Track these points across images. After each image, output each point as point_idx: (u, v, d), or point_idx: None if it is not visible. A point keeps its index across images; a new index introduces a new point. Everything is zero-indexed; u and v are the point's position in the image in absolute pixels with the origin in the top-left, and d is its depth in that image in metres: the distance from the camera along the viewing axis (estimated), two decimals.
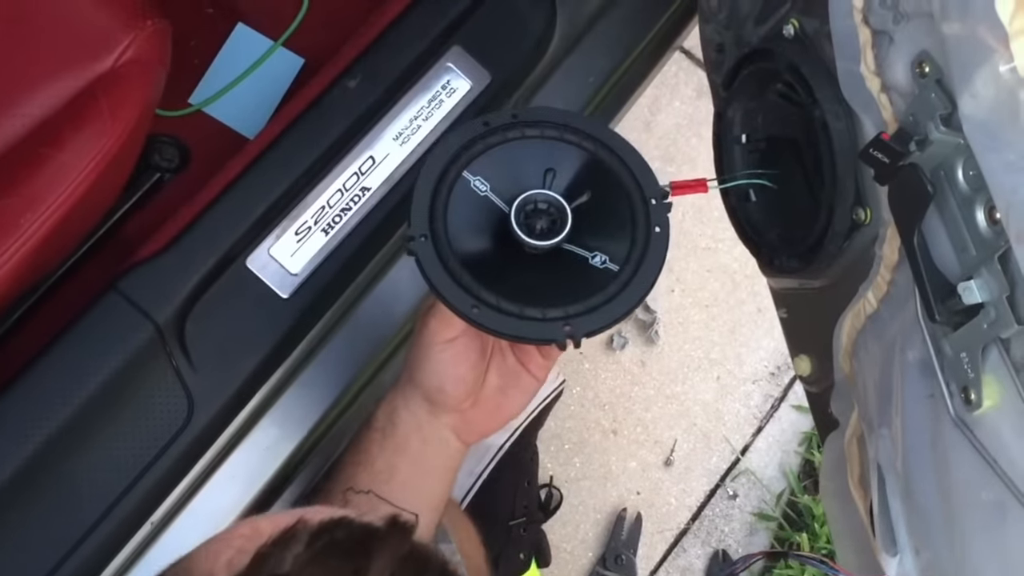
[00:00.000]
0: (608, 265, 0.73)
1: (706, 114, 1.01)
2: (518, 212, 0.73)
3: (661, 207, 0.75)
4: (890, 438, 0.77)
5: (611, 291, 0.71)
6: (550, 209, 0.74)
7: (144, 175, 1.09)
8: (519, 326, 0.69)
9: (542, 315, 0.70)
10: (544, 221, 0.74)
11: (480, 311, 0.69)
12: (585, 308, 0.71)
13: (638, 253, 0.73)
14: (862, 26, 0.73)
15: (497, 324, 0.69)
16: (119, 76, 0.83)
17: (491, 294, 0.69)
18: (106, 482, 0.83)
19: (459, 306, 0.69)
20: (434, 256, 0.70)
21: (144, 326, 0.85)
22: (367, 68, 0.99)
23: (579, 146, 0.76)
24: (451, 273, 0.70)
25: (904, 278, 0.74)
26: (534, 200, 0.74)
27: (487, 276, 0.71)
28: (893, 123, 0.72)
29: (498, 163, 0.74)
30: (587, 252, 0.74)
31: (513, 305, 0.69)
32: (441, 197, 0.72)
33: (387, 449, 0.84)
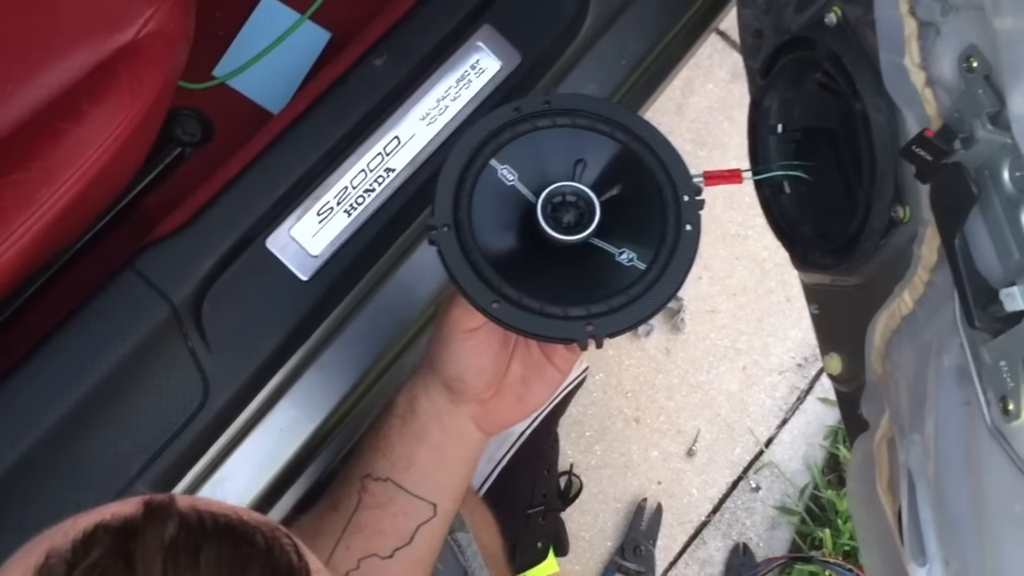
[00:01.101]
0: (635, 263, 0.71)
1: (739, 97, 1.00)
2: (545, 204, 0.71)
3: (693, 204, 0.73)
4: (922, 444, 0.75)
5: (636, 291, 0.70)
6: (578, 202, 0.72)
7: (166, 149, 1.08)
8: (540, 324, 0.68)
9: (564, 313, 0.68)
10: (571, 215, 0.72)
11: (500, 307, 0.68)
12: (608, 308, 0.69)
13: (667, 252, 0.71)
14: (908, 17, 0.71)
15: (517, 321, 0.68)
16: (140, 48, 0.82)
17: (513, 289, 0.68)
18: (118, 464, 0.83)
19: (480, 301, 0.68)
20: (457, 248, 0.69)
21: (160, 306, 0.85)
22: (394, 46, 0.97)
23: (611, 137, 0.74)
24: (473, 266, 0.68)
25: (942, 280, 0.72)
26: (562, 192, 0.72)
27: (509, 270, 0.70)
28: (937, 119, 0.70)
29: (527, 152, 0.73)
30: (614, 248, 0.72)
31: (534, 302, 0.68)
32: (466, 186, 0.70)
33: (407, 437, 0.84)
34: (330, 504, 0.86)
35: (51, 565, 0.44)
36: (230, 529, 0.47)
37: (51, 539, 0.46)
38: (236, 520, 0.48)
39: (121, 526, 0.45)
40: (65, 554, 0.44)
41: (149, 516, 0.45)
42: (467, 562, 1.08)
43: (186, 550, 0.44)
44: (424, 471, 0.84)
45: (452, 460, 0.85)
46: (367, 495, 0.83)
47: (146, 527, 0.45)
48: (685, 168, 0.74)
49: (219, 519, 0.47)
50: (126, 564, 0.43)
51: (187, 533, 0.45)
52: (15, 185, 0.75)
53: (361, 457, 0.85)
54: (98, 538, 0.45)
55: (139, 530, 0.45)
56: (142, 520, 0.45)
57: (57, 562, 0.44)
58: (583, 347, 0.69)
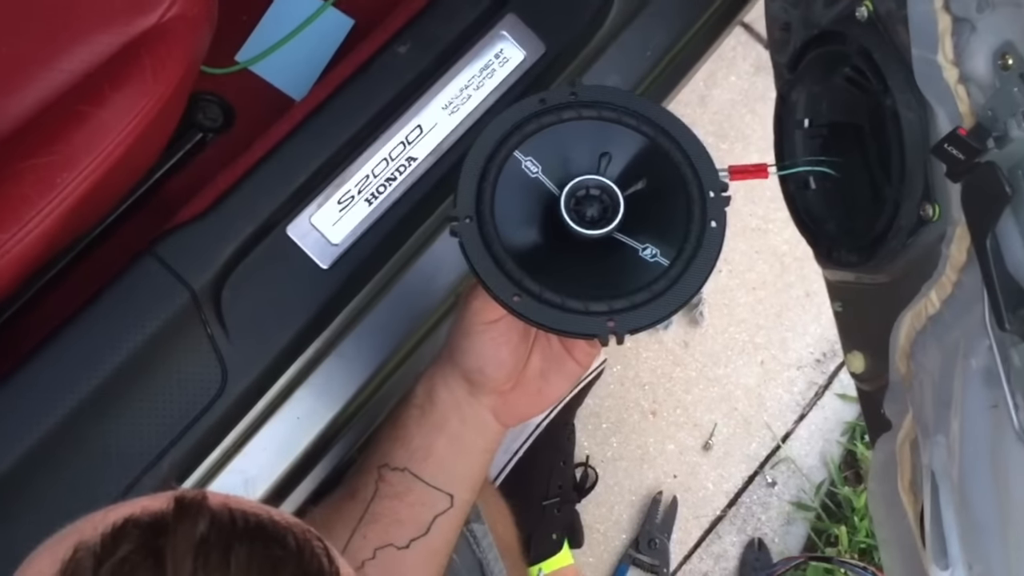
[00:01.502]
0: (658, 259, 0.70)
1: (763, 90, 0.99)
2: (568, 198, 0.70)
3: (719, 200, 0.72)
4: (946, 446, 0.74)
5: (658, 287, 0.69)
6: (602, 196, 0.71)
7: (187, 134, 1.07)
8: (561, 319, 0.67)
9: (585, 308, 0.68)
10: (595, 208, 0.71)
11: (521, 301, 0.67)
12: (630, 304, 0.68)
13: (691, 248, 0.70)
14: (942, 12, 0.70)
15: (538, 315, 0.67)
16: (164, 32, 0.81)
17: (534, 283, 0.67)
18: (135, 451, 0.82)
19: (501, 294, 0.67)
20: (478, 240, 0.68)
21: (180, 292, 0.84)
22: (418, 34, 0.96)
23: (638, 130, 0.73)
24: (495, 258, 0.68)
25: (971, 280, 0.71)
26: (585, 186, 0.71)
27: (531, 263, 0.69)
28: (970, 117, 0.69)
29: (551, 144, 0.72)
30: (637, 244, 0.71)
31: (556, 296, 0.67)
32: (489, 178, 0.70)
33: (425, 427, 0.83)
34: (347, 493, 0.86)
35: (79, 559, 0.43)
36: (262, 529, 0.46)
37: (80, 532, 0.45)
38: (268, 520, 0.47)
39: (151, 521, 0.45)
40: (94, 548, 0.43)
41: (180, 513, 0.45)
42: (482, 553, 1.08)
43: (217, 549, 0.44)
44: (442, 461, 0.84)
45: (470, 451, 0.85)
46: (384, 484, 0.83)
47: (177, 524, 0.44)
48: (712, 164, 0.73)
49: (250, 518, 0.46)
50: (155, 561, 0.43)
51: (218, 531, 0.44)
52: (36, 169, 0.75)
53: (379, 446, 0.85)
54: (127, 533, 0.44)
55: (170, 527, 0.44)
56: (173, 516, 0.45)
57: (85, 555, 0.43)
58: (604, 343, 0.69)
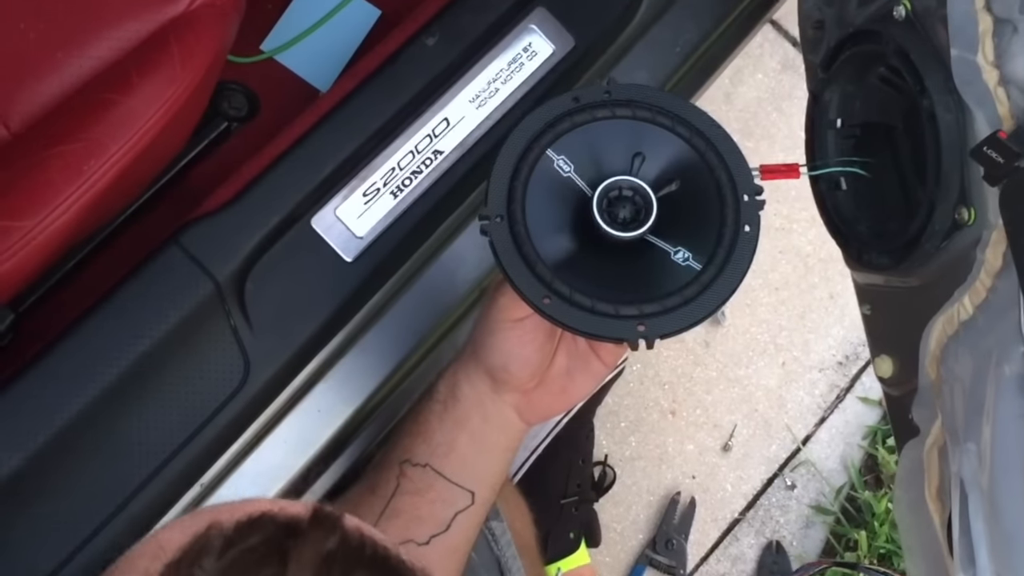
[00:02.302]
0: (690, 263, 0.69)
1: (789, 88, 0.98)
2: (600, 199, 0.69)
3: (753, 204, 0.71)
4: (977, 454, 0.73)
5: (690, 292, 0.68)
6: (635, 197, 0.70)
7: (212, 123, 1.07)
8: (591, 322, 0.67)
9: (615, 312, 0.67)
10: (627, 210, 0.70)
11: (552, 303, 0.66)
12: (661, 308, 0.67)
13: (723, 253, 0.69)
14: (983, 12, 0.69)
15: (568, 318, 0.66)
16: (192, 20, 0.81)
17: (564, 285, 0.67)
18: (157, 441, 0.82)
19: (531, 296, 0.67)
20: (509, 240, 0.67)
21: (203, 282, 0.84)
22: (446, 26, 0.96)
23: (672, 131, 0.72)
24: (525, 259, 0.67)
25: (1007, 286, 0.70)
26: (618, 187, 0.70)
27: (561, 264, 0.68)
28: (1009, 120, 0.68)
29: (584, 143, 0.71)
30: (669, 247, 0.70)
31: (586, 299, 0.67)
32: (521, 176, 0.69)
33: (447, 423, 0.83)
34: (368, 487, 0.86)
35: (210, 535, 0.45)
36: (387, 560, 0.47)
37: (217, 513, 0.47)
38: (395, 555, 0.48)
39: (286, 522, 0.46)
40: (227, 531, 0.45)
41: (315, 522, 0.46)
42: (500, 551, 1.07)
43: (339, 567, 0.44)
44: (464, 458, 0.83)
45: (492, 448, 0.85)
46: (405, 480, 0.83)
47: (310, 531, 0.45)
48: (747, 166, 0.72)
49: (379, 549, 0.47)
50: (280, 560, 0.43)
51: (345, 552, 0.45)
52: (63, 156, 0.75)
53: (400, 441, 0.85)
54: (262, 525, 0.45)
55: (303, 532, 0.45)
56: (308, 523, 0.46)
57: (216, 535, 0.45)
58: (634, 347, 0.68)
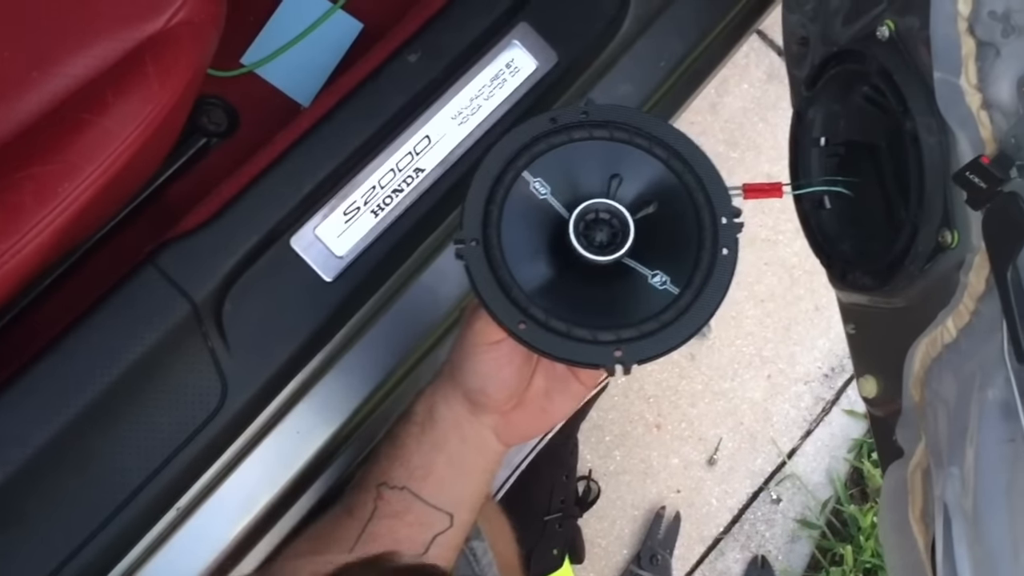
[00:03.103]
0: (668, 287, 0.69)
1: (775, 99, 0.98)
2: (577, 222, 0.69)
3: (731, 227, 0.70)
4: (960, 478, 0.73)
5: (667, 316, 0.68)
6: (612, 220, 0.70)
7: (190, 139, 1.06)
8: (567, 347, 0.66)
9: (592, 337, 0.66)
10: (604, 233, 0.70)
11: (528, 328, 0.66)
12: (639, 333, 0.67)
13: (701, 276, 0.69)
14: (966, 35, 0.69)
15: (544, 344, 0.66)
16: (169, 38, 0.80)
17: (540, 310, 0.66)
18: (133, 465, 0.82)
19: (506, 321, 0.66)
20: (485, 264, 0.67)
21: (180, 304, 0.84)
22: (428, 42, 0.96)
23: (649, 152, 0.72)
24: (500, 284, 0.67)
25: (990, 310, 0.71)
26: (595, 209, 0.70)
27: (537, 288, 0.68)
28: (992, 143, 0.68)
29: (561, 165, 0.71)
30: (647, 270, 0.70)
31: (562, 323, 0.66)
32: (497, 199, 0.68)
33: (425, 445, 0.83)
34: (344, 510, 0.85)
35: None
36: None
37: None
38: None
39: None
40: None
41: None
42: (482, 571, 1.07)
43: None
44: (442, 481, 0.83)
45: (471, 470, 0.85)
46: (383, 503, 0.82)
47: None
48: (725, 189, 0.72)
49: None
50: None
51: None
52: (36, 178, 0.74)
53: (377, 464, 0.84)
54: None
55: None
56: None
57: None
58: (611, 373, 0.68)
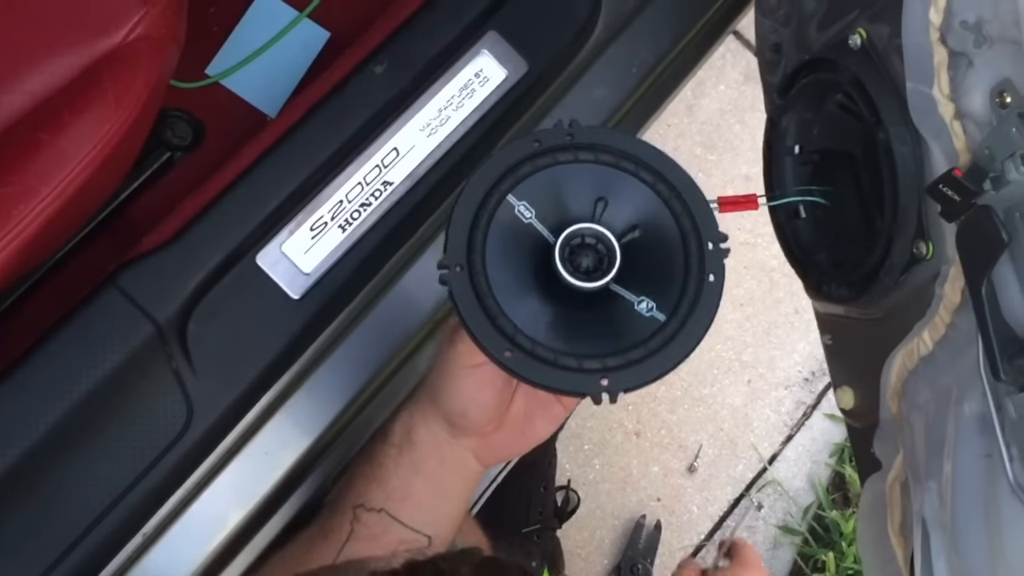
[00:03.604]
0: (654, 313, 0.68)
1: (752, 100, 0.98)
2: (563, 247, 0.69)
3: (718, 252, 0.70)
4: (938, 493, 0.73)
5: (654, 344, 0.67)
6: (598, 245, 0.69)
7: (154, 153, 1.05)
8: (554, 376, 0.66)
9: (578, 366, 0.66)
10: (590, 259, 0.69)
11: (514, 356, 0.65)
12: (625, 361, 0.66)
13: (688, 303, 0.68)
14: (938, 45, 0.69)
15: (530, 372, 0.66)
16: (127, 54, 0.79)
17: (526, 337, 0.66)
18: (96, 491, 0.80)
19: (492, 350, 0.66)
20: (470, 291, 0.66)
21: (143, 325, 0.82)
22: (395, 53, 0.94)
23: (636, 176, 0.71)
24: (486, 311, 0.66)
25: (966, 323, 0.70)
26: (581, 235, 0.69)
27: (522, 314, 0.67)
28: (966, 154, 0.68)
29: (546, 187, 0.70)
30: (633, 296, 0.69)
31: (548, 352, 0.66)
32: (481, 224, 0.68)
33: (403, 466, 0.82)
34: (320, 532, 0.84)
35: None
36: None
37: None
38: None
39: None
40: None
41: None
42: None
43: None
44: (420, 502, 0.82)
45: (450, 491, 0.84)
46: (360, 525, 0.82)
47: None
48: (711, 213, 0.71)
49: None
50: None
51: None
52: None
53: (354, 485, 0.84)
54: None
55: None
56: None
57: None
58: (597, 402, 0.67)
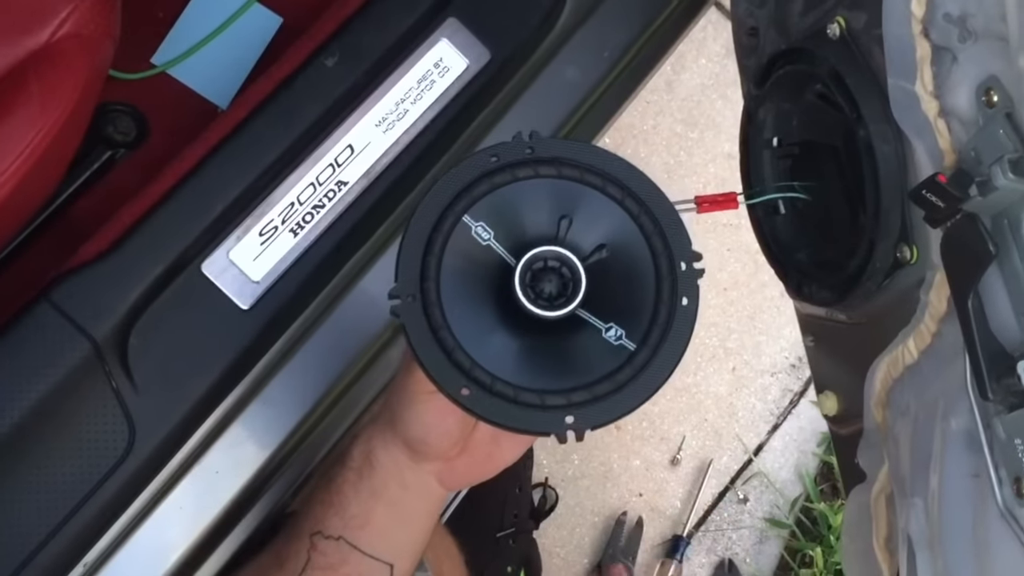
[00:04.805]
0: (623, 341, 0.65)
1: (734, 74, 0.96)
2: (523, 272, 0.65)
3: (691, 273, 0.66)
4: (924, 510, 0.71)
5: (622, 377, 0.64)
6: (562, 269, 0.66)
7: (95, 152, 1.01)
8: (515, 414, 0.63)
9: (541, 402, 0.63)
10: (554, 284, 0.66)
11: (471, 394, 0.63)
12: (591, 396, 0.63)
13: (659, 331, 0.65)
14: (920, 38, 0.66)
15: (489, 412, 0.63)
16: (54, 54, 0.75)
17: (485, 372, 0.63)
18: (31, 522, 0.77)
19: (448, 387, 0.63)
20: (423, 323, 0.63)
21: (79, 342, 0.79)
22: (348, 44, 0.91)
23: (602, 191, 0.68)
24: (441, 345, 0.63)
25: (953, 332, 0.68)
26: (543, 258, 0.66)
27: (481, 345, 0.64)
28: (951, 154, 0.65)
29: (505, 206, 0.67)
30: (600, 323, 0.66)
31: (508, 388, 0.63)
32: (435, 249, 0.64)
33: (362, 492, 0.79)
34: (275, 560, 0.82)
35: None
36: None
37: None
38: None
39: None
40: None
41: None
42: None
43: None
44: (381, 529, 0.80)
45: (412, 517, 0.82)
46: (317, 554, 0.79)
47: None
48: (684, 230, 0.67)
49: None
50: None
51: None
52: None
53: (311, 511, 0.81)
54: None
55: None
56: None
57: None
58: (562, 440, 0.64)
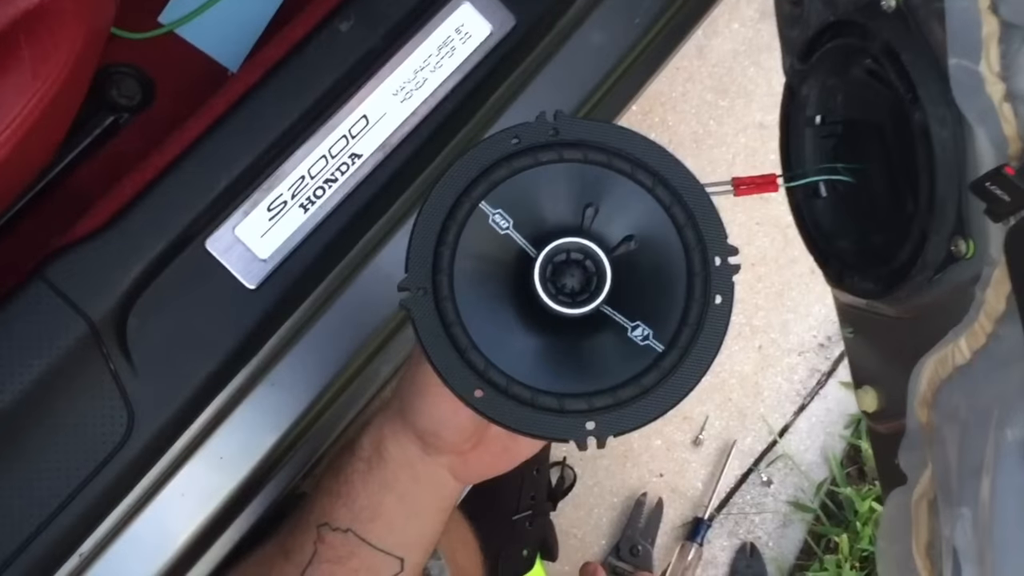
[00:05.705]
0: (650, 342, 0.61)
1: (768, 39, 0.92)
2: (544, 266, 0.61)
3: (726, 269, 0.62)
4: (972, 521, 0.67)
5: (648, 381, 0.60)
6: (585, 261, 0.62)
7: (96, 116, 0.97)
8: (532, 419, 0.59)
9: (560, 407, 0.59)
10: (576, 278, 0.62)
11: (485, 396, 0.59)
12: (615, 401, 0.59)
13: (689, 331, 0.61)
14: (987, 13, 0.61)
15: (504, 416, 0.59)
16: (49, 13, 0.71)
17: (500, 373, 0.59)
18: (24, 511, 0.75)
19: (460, 389, 0.59)
20: (435, 318, 0.59)
21: (75, 323, 0.76)
22: (363, 7, 0.87)
23: (631, 177, 0.63)
24: (454, 342, 0.59)
25: (1012, 335, 0.64)
26: (565, 249, 0.62)
27: (496, 343, 0.60)
28: (1016, 141, 0.61)
29: (526, 192, 0.62)
30: (627, 321, 0.62)
31: (526, 390, 0.59)
32: (449, 238, 0.60)
33: (372, 484, 0.77)
34: (280, 551, 0.80)
35: None
36: None
37: None
38: None
39: None
40: None
41: None
42: None
43: None
44: (391, 523, 0.77)
45: (424, 511, 0.79)
46: (324, 547, 0.77)
47: None
48: (720, 223, 0.63)
49: None
50: None
51: None
52: None
53: (318, 501, 0.79)
54: None
55: None
56: None
57: None
58: (582, 448, 0.60)
